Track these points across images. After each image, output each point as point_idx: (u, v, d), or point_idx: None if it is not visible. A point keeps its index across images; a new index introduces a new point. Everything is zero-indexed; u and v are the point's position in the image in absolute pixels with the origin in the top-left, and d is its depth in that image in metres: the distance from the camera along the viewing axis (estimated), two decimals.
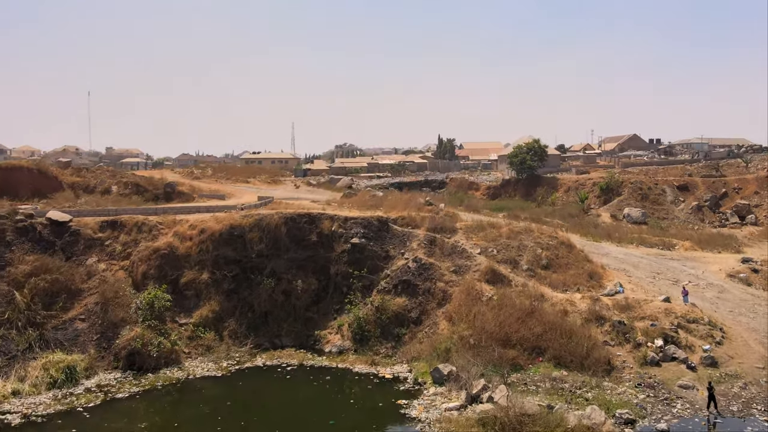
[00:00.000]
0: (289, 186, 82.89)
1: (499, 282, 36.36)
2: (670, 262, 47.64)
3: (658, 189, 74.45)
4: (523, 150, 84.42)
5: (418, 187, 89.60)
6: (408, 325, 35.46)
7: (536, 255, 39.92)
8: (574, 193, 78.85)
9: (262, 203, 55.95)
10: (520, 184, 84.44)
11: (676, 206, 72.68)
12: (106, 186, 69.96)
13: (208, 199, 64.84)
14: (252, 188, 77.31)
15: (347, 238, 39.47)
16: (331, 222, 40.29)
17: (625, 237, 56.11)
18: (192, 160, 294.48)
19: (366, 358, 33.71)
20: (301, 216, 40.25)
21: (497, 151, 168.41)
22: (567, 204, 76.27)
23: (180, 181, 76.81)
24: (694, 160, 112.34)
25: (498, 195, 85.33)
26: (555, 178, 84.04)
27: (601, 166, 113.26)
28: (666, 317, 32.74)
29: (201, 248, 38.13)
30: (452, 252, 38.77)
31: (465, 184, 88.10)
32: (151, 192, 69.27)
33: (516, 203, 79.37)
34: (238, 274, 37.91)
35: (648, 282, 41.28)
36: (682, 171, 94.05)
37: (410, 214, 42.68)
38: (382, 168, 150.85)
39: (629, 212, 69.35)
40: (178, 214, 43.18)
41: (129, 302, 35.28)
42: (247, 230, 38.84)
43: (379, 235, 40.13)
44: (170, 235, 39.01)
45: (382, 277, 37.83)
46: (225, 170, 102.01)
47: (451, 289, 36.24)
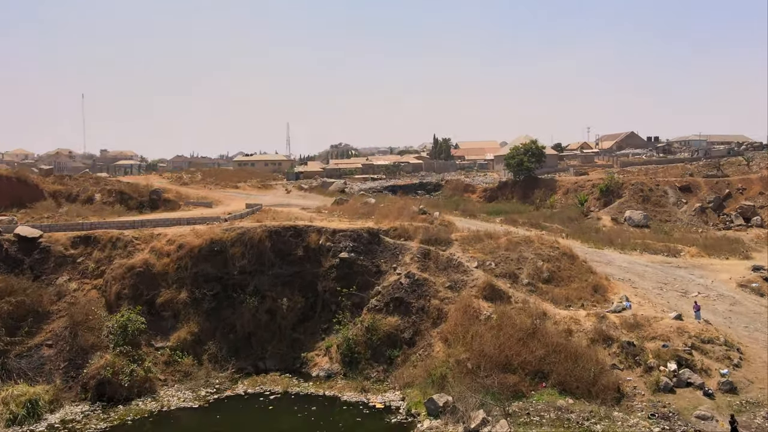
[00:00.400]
0: (279, 191, 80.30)
1: (497, 298, 33.84)
2: (677, 270, 45.18)
3: (660, 190, 72.05)
4: (520, 151, 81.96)
5: (413, 190, 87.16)
6: (401, 346, 32.92)
7: (537, 268, 37.40)
8: (573, 195, 76.40)
9: (250, 211, 53.39)
10: (518, 186, 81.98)
11: (679, 208, 70.30)
12: (89, 194, 67.32)
13: (195, 207, 62.25)
14: (241, 194, 74.70)
15: (335, 252, 36.91)
16: (318, 235, 37.72)
17: (629, 243, 53.64)
18: (186, 162, 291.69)
19: (355, 383, 31.16)
20: (286, 229, 37.67)
21: (493, 150, 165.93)
22: (566, 207, 73.81)
23: (167, 187, 74.19)
24: (694, 159, 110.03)
25: (495, 197, 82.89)
26: (553, 179, 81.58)
27: (599, 166, 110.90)
28: (679, 337, 30.26)
29: (179, 265, 35.53)
30: (448, 266, 36.23)
31: (461, 186, 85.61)
32: (136, 200, 66.69)
33: (513, 206, 76.93)
34: (219, 293, 35.33)
35: (655, 294, 38.80)
36: (683, 170, 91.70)
37: (403, 225, 40.13)
38: (376, 169, 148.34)
39: (631, 215, 66.92)
40: (157, 227, 40.56)
41: (100, 325, 32.66)
42: (229, 245, 36.25)
43: (370, 249, 37.58)
44: (146, 252, 36.38)
45: (372, 294, 35.27)
46: (215, 175, 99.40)
47: (446, 306, 33.71)
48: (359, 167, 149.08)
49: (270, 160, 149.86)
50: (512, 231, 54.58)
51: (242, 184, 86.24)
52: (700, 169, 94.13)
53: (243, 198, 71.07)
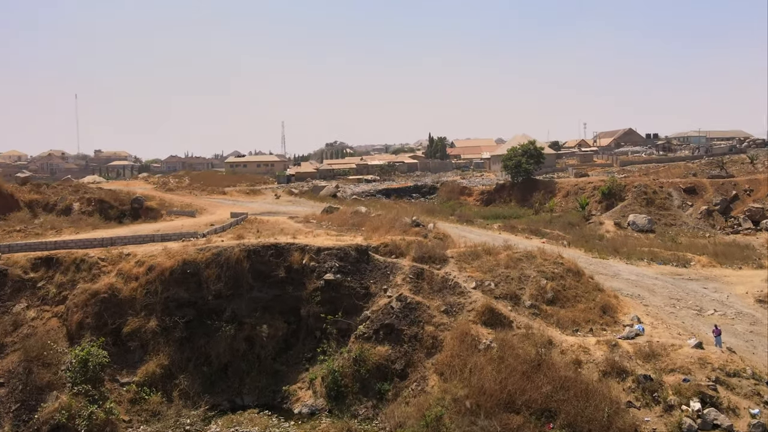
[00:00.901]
0: (269, 196, 76.93)
1: (498, 324, 30.56)
2: (689, 283, 41.97)
3: (664, 192, 68.90)
4: (518, 152, 78.69)
5: (407, 194, 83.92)
6: (392, 378, 29.62)
7: (540, 287, 34.10)
8: (573, 198, 73.20)
9: (234, 222, 50.05)
10: (516, 189, 78.76)
11: (684, 211, 67.17)
12: (67, 203, 63.91)
13: (177, 216, 58.87)
14: (228, 201, 71.35)
15: (320, 273, 33.54)
16: (301, 254, 34.34)
17: (635, 252, 50.40)
18: (180, 162, 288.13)
19: (341, 423, 27.81)
20: (266, 248, 34.27)
21: (489, 148, 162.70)
22: (566, 211, 70.66)
23: (150, 194, 70.79)
24: (696, 157, 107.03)
25: (492, 200, 79.66)
26: (552, 181, 78.34)
27: (598, 165, 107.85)
28: (701, 369, 27.02)
29: (148, 290, 32.12)
30: (443, 287, 32.91)
31: (457, 189, 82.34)
32: (116, 209, 63.37)
33: (512, 210, 73.78)
34: (192, 320, 31.95)
35: (668, 312, 35.58)
36: (685, 170, 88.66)
37: (394, 240, 36.80)
38: (371, 169, 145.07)
39: (634, 219, 63.75)
40: (128, 246, 37.16)
41: (58, 360, 29.29)
42: (203, 267, 32.85)
43: (358, 268, 34.23)
44: (113, 275, 32.98)
45: (360, 319, 31.92)
46: (203, 179, 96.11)
47: (442, 334, 30.41)
48: (353, 167, 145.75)
49: (263, 161, 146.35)
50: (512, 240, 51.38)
51: (231, 189, 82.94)
52: (702, 167, 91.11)
53: (229, 205, 67.76)
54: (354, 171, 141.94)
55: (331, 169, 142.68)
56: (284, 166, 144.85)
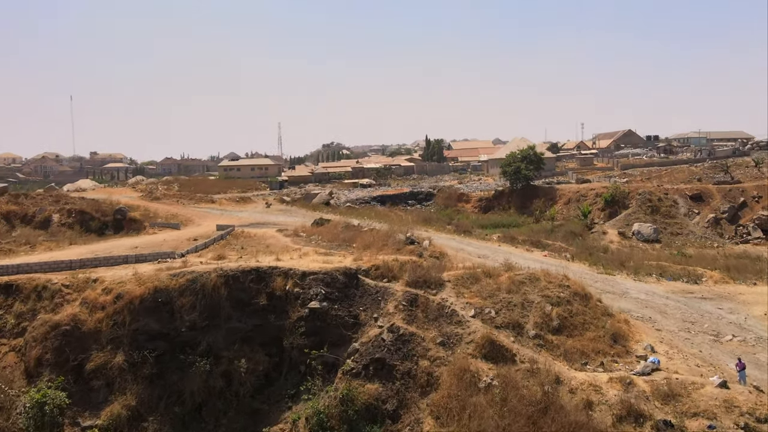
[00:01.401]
0: (259, 205, 73.83)
1: (500, 358, 27.61)
2: (702, 303, 39.07)
3: (669, 200, 66.03)
4: (517, 158, 75.72)
5: (403, 200, 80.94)
6: (382, 421, 26.65)
7: (545, 314, 31.14)
8: (575, 205, 70.29)
9: (218, 237, 47.08)
10: (515, 195, 75.82)
11: (691, 219, 64.30)
12: (46, 214, 60.74)
13: (160, 229, 55.84)
14: (216, 210, 68.28)
15: (305, 300, 30.53)
16: (284, 279, 31.32)
17: (642, 266, 47.48)
18: (175, 164, 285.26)
19: None
20: (246, 273, 31.23)
21: (487, 150, 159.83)
22: (568, 219, 67.72)
23: (135, 204, 67.70)
24: (698, 160, 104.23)
25: (491, 207, 76.70)
26: (553, 188, 75.42)
27: (598, 169, 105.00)
28: (727, 413, 24.07)
29: (115, 321, 29.10)
30: (439, 315, 29.95)
31: (454, 195, 79.35)
32: (98, 220, 60.24)
33: (511, 218, 70.86)
34: (163, 354, 28.93)
35: (683, 339, 32.68)
36: (689, 174, 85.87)
37: (386, 262, 33.81)
38: (367, 172, 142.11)
39: (639, 229, 60.85)
40: (98, 268, 34.17)
41: (11, 404, 26.27)
42: (177, 295, 29.82)
43: (346, 294, 31.23)
44: (77, 304, 29.94)
45: (349, 352, 28.92)
46: (193, 185, 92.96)
47: (437, 369, 27.45)
48: (349, 171, 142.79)
49: (257, 165, 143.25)
50: (512, 254, 48.59)
51: (221, 196, 79.81)
52: (706, 171, 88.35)
53: (217, 215, 64.78)
54: (349, 174, 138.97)
55: (326, 172, 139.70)
56: (279, 169, 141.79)
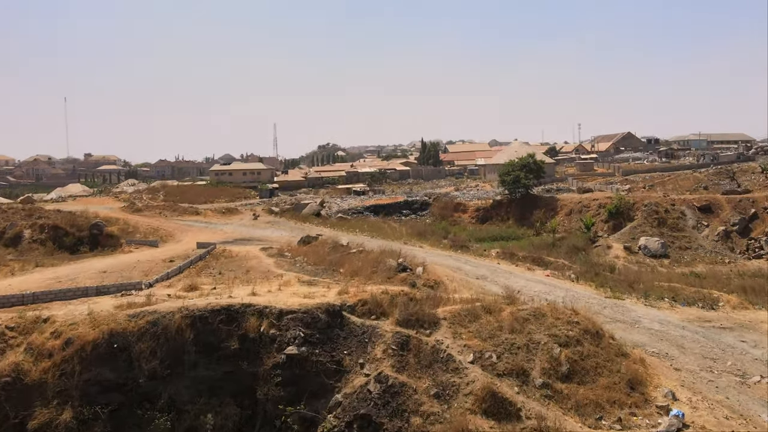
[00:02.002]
0: (246, 216, 70.02)
1: (503, 414, 23.96)
2: (722, 334, 35.47)
3: (677, 212, 62.51)
4: (516, 166, 72.09)
5: (397, 210, 77.29)
6: None
7: (553, 358, 27.48)
8: (577, 217, 66.77)
9: (196, 258, 43.35)
10: (514, 205, 72.24)
11: (700, 232, 60.80)
12: (17, 230, 56.88)
13: (137, 247, 52.06)
14: (200, 223, 64.51)
15: (282, 344, 26.84)
16: (259, 319, 27.62)
17: (652, 288, 43.91)
18: (169, 167, 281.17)
19: None
20: (215, 313, 27.51)
21: (484, 154, 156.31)
22: (570, 231, 64.19)
23: (114, 217, 63.90)
24: (702, 165, 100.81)
25: (489, 218, 73.10)
26: (554, 198, 71.84)
27: (599, 174, 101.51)
28: None
29: (64, 370, 25.36)
30: (433, 361, 26.29)
31: (451, 205, 75.72)
32: (72, 236, 56.43)
33: (510, 230, 67.27)
34: (118, 409, 25.20)
35: (706, 381, 29.05)
36: (695, 181, 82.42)
37: (374, 295, 30.15)
38: (361, 177, 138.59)
39: (646, 243, 57.31)
40: (54, 302, 30.45)
41: None
42: (135, 339, 26.09)
43: (329, 336, 27.56)
44: (21, 350, 26.19)
45: (330, 406, 25.26)
46: (180, 193, 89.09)
47: (432, 428, 23.79)
48: (343, 175, 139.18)
49: (249, 169, 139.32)
50: (512, 274, 45.07)
51: (207, 206, 76.01)
52: (711, 177, 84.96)
53: (201, 229, 61.08)
54: (344, 179, 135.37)
55: (320, 177, 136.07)
56: (271, 173, 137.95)
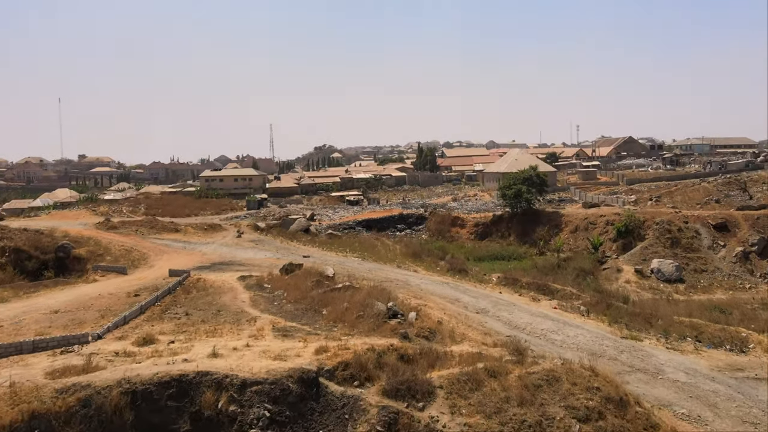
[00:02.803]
0: (230, 234, 64.98)
1: None
2: (758, 388, 30.51)
3: (691, 230, 57.73)
4: (517, 179, 67.22)
5: (392, 225, 72.42)
6: None
7: None
8: (583, 234, 61.96)
9: (164, 291, 38.45)
10: (515, 222, 67.39)
11: (716, 253, 56.03)
12: None
13: (103, 274, 47.13)
14: (178, 243, 59.49)
15: (243, 424, 21.93)
16: (217, 393, 22.68)
17: (672, 324, 39.05)
18: (163, 169, 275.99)
19: None
20: (163, 386, 22.57)
21: (482, 159, 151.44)
22: (576, 251, 59.39)
23: (86, 235, 58.86)
24: (710, 174, 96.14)
25: (488, 234, 68.29)
26: (557, 213, 66.96)
27: (602, 183, 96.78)
28: None
29: None
30: None
31: (448, 219, 70.84)
32: (36, 259, 51.62)
33: (511, 248, 62.47)
34: None
35: None
36: (705, 193, 77.67)
37: (358, 355, 25.28)
38: (356, 183, 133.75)
39: (659, 266, 52.56)
40: None
41: None
42: (61, 423, 21.14)
43: (301, 411, 22.67)
44: None
45: None
46: (162, 205, 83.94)
47: None
48: (337, 181, 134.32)
49: (240, 175, 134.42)
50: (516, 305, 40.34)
51: (189, 222, 70.96)
52: (720, 188, 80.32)
53: (178, 249, 56.17)
54: (338, 185, 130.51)
55: (313, 183, 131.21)
56: (263, 180, 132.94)
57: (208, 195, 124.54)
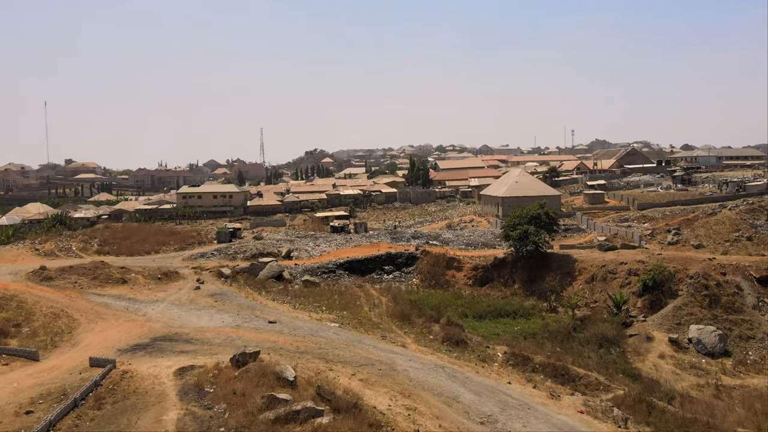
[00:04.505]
0: (187, 284, 54.33)
1: None
2: None
3: (731, 285, 47.76)
4: (523, 218, 56.97)
5: (378, 266, 62.19)
6: None
7: None
8: (601, 286, 51.90)
9: (66, 409, 28.07)
10: (520, 267, 57.20)
11: (762, 314, 46.10)
12: None
13: (5, 362, 36.58)
14: (122, 300, 48.85)
15: None
16: None
17: None
18: (148, 176, 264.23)
19: None
20: None
21: (477, 173, 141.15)
22: (594, 308, 49.36)
23: (9, 293, 48.34)
24: (728, 197, 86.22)
25: (489, 279, 58.17)
26: (569, 257, 56.75)
27: (611, 208, 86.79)
28: None
29: None
30: None
31: (442, 261, 60.60)
32: None
33: (516, 301, 52.44)
34: None
35: None
36: (730, 225, 67.96)
37: None
38: (344, 200, 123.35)
39: (699, 336, 42.62)
40: None
41: None
42: None
43: None
44: None
45: None
46: (123, 237, 73.00)
47: None
48: (324, 198, 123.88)
49: (219, 192, 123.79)
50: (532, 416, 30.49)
51: (144, 263, 60.43)
52: (743, 216, 70.83)
53: (119, 312, 45.85)
54: (324, 203, 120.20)
55: (297, 201, 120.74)
56: (244, 197, 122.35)
57: (185, 214, 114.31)
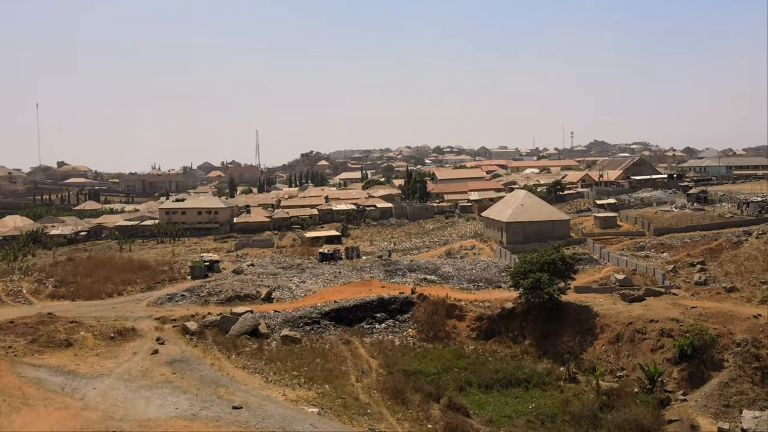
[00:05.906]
0: (143, 348, 45.63)
1: None
2: None
3: None
4: (535, 265, 48.39)
5: (369, 313, 53.80)
6: None
7: None
8: (628, 348, 43.54)
9: None
10: (531, 319, 48.79)
11: None
12: None
13: None
14: (57, 376, 40.10)
15: None
16: None
17: None
18: (140, 181, 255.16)
19: None
20: None
21: (477, 185, 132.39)
22: (622, 379, 41.11)
23: None
24: (751, 222, 77.86)
25: (495, 332, 49.81)
26: (588, 310, 48.17)
27: (625, 234, 78.36)
28: None
29: None
30: None
31: (442, 309, 52.12)
32: None
33: (527, 365, 44.27)
34: None
35: None
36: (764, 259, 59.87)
37: None
38: (336, 215, 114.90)
39: (757, 428, 34.37)
40: None
41: None
42: None
43: None
44: None
45: None
46: (82, 276, 64.34)
47: None
48: (315, 213, 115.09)
49: (204, 208, 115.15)
50: None
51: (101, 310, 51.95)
52: None
53: (51, 392, 37.38)
54: (315, 219, 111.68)
55: (287, 217, 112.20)
56: (230, 213, 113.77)
57: (167, 231, 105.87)
